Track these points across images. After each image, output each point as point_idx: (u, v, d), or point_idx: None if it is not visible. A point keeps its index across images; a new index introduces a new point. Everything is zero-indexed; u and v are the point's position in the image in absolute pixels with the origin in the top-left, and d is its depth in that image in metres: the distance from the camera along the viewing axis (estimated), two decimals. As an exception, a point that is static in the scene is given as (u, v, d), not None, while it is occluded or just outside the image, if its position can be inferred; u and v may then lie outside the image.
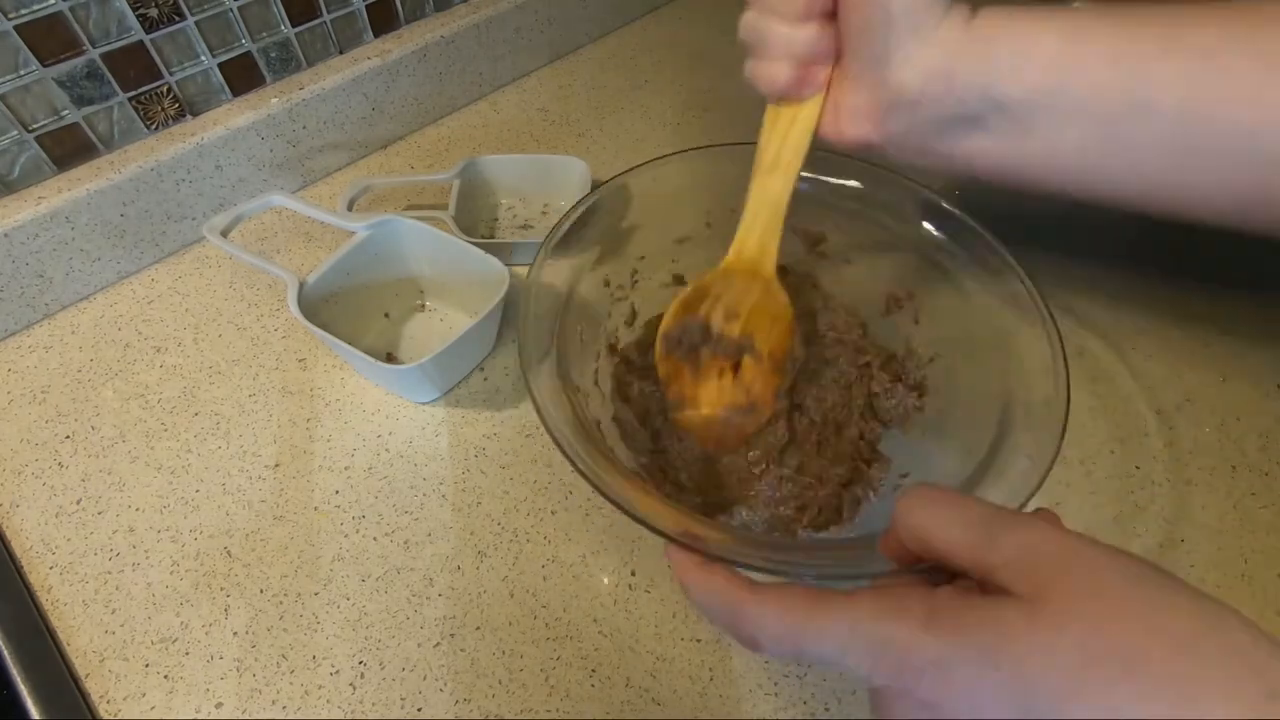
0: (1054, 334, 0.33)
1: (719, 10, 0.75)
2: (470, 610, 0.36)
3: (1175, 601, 0.20)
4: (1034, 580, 0.20)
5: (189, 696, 0.34)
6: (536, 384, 0.32)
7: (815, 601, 0.23)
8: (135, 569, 0.37)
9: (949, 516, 0.23)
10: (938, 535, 0.23)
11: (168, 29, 0.45)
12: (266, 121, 0.51)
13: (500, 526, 0.39)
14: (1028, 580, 0.20)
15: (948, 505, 0.23)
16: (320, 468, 0.41)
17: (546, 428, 0.30)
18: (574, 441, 0.31)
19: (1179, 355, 0.45)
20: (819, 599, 0.23)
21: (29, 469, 0.41)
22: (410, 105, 0.60)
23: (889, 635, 0.21)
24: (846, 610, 0.22)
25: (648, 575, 0.37)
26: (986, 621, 0.20)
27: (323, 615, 0.36)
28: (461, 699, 0.34)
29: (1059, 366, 0.33)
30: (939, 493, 0.24)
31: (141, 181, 0.47)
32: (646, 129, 0.62)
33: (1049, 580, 0.20)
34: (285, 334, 0.47)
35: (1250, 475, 0.40)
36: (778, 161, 0.35)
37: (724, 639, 0.35)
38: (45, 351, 0.46)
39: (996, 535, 0.22)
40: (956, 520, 0.23)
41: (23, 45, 0.41)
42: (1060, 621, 0.19)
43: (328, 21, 0.53)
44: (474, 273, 0.44)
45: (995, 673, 0.20)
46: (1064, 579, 0.20)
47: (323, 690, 0.34)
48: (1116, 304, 0.48)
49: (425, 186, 0.54)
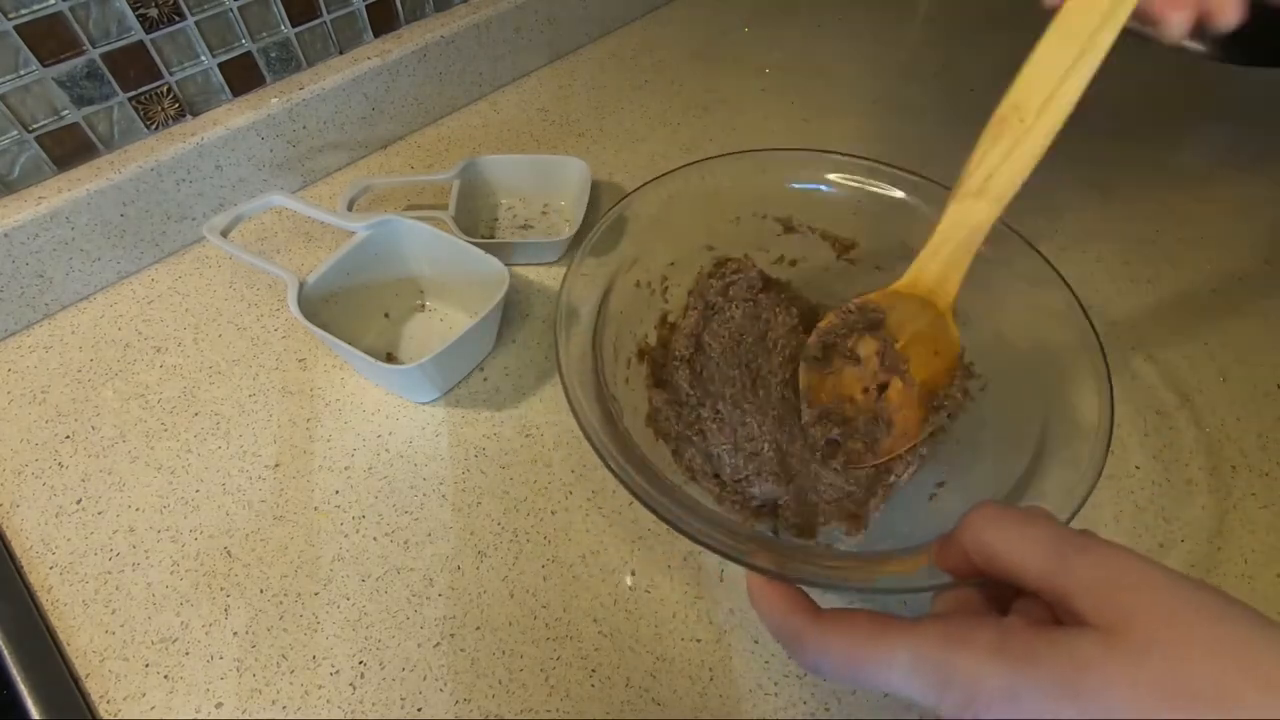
0: (1098, 353, 0.33)
1: (719, 10, 0.75)
2: (470, 610, 0.36)
3: (1266, 637, 0.19)
4: (1111, 609, 0.20)
5: (189, 696, 0.34)
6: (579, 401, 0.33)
7: (878, 629, 0.22)
8: (135, 569, 0.37)
9: (1021, 535, 0.22)
10: (1009, 554, 0.22)
11: (168, 29, 0.45)
12: (266, 121, 0.51)
13: (500, 526, 0.39)
14: (1105, 609, 0.20)
15: (1020, 524, 0.23)
16: (320, 468, 0.41)
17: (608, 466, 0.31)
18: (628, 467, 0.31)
19: (1179, 355, 0.45)
20: (882, 626, 0.22)
21: (29, 469, 0.41)
22: (410, 105, 0.60)
23: (956, 664, 0.21)
24: (910, 638, 0.22)
25: (648, 575, 0.37)
26: (1061, 650, 0.20)
27: (323, 615, 0.36)
28: (461, 699, 0.34)
29: (1103, 387, 0.32)
30: (1010, 511, 0.23)
31: (141, 181, 0.47)
32: (646, 129, 0.62)
33: (1128, 609, 0.20)
34: (285, 334, 0.47)
35: (1250, 475, 0.40)
36: (987, 185, 0.32)
37: (724, 639, 0.35)
38: (45, 351, 0.46)
39: (1070, 558, 0.21)
40: (1029, 540, 0.22)
41: (23, 45, 0.41)
42: (1141, 653, 0.19)
43: (328, 21, 0.53)
44: (474, 273, 0.44)
45: (1071, 704, 0.19)
46: (1143, 609, 0.20)
47: (323, 690, 0.34)
48: (1115, 304, 0.48)
49: (425, 186, 0.54)
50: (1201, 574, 0.37)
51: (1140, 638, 0.19)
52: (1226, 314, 0.47)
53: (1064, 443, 0.32)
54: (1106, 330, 0.46)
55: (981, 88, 0.64)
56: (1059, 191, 0.55)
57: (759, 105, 0.64)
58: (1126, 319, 0.47)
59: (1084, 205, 0.53)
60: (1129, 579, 0.20)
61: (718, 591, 0.37)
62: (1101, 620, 0.20)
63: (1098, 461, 0.30)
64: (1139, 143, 0.59)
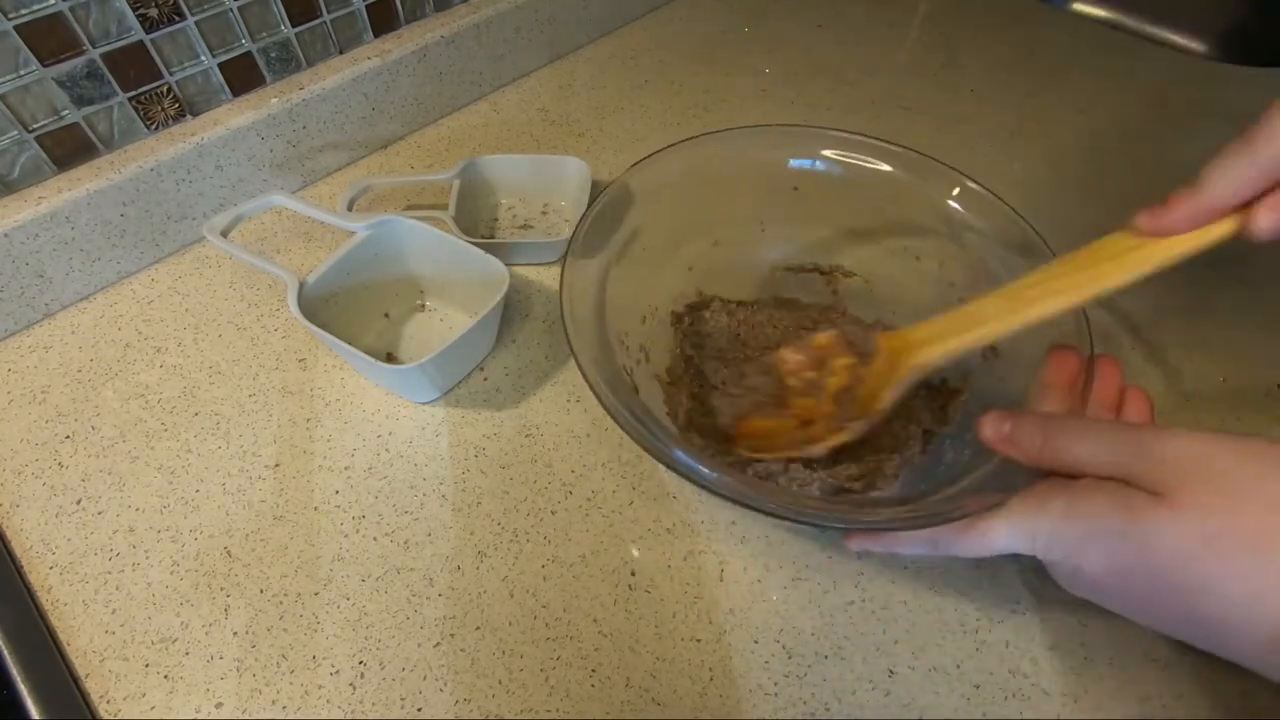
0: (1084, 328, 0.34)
1: (719, 10, 0.75)
2: (470, 610, 0.36)
3: None
4: (1164, 480, 0.25)
5: (189, 696, 0.34)
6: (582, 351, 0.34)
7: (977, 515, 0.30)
8: (135, 569, 0.37)
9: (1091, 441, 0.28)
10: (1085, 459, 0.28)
11: (168, 29, 0.45)
12: (266, 121, 0.51)
13: (500, 526, 0.39)
14: (1159, 481, 0.25)
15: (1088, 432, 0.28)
16: (320, 468, 0.41)
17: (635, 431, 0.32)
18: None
19: (1179, 355, 0.45)
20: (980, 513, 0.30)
21: (29, 469, 0.41)
22: (410, 105, 0.60)
23: (1037, 528, 0.29)
24: (1004, 514, 0.29)
25: (648, 575, 0.37)
26: (1117, 505, 0.26)
27: (323, 615, 0.36)
28: (461, 699, 0.34)
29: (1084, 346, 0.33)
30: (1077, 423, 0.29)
31: (141, 181, 0.47)
32: (646, 129, 0.62)
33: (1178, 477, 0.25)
34: (285, 334, 0.47)
35: (1250, 475, 0.40)
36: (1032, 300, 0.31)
37: (724, 639, 0.35)
38: (45, 351, 0.46)
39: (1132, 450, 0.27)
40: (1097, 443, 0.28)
41: (23, 45, 0.41)
42: (1180, 505, 0.25)
43: (328, 21, 0.53)
44: (474, 273, 0.44)
45: (1123, 545, 0.26)
46: (1190, 474, 0.25)
47: (323, 690, 0.34)
48: (1115, 304, 0.48)
49: (425, 186, 0.54)
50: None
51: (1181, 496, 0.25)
52: (1227, 314, 0.47)
53: None
54: (1106, 330, 0.46)
55: (981, 88, 0.64)
56: (1059, 192, 0.55)
57: (759, 105, 0.64)
58: (1127, 318, 0.47)
59: (1084, 205, 0.53)
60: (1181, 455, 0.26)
61: (718, 591, 0.37)
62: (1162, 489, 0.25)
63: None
64: (1139, 142, 0.59)
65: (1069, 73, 0.66)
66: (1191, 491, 0.25)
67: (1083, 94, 0.64)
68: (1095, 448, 0.28)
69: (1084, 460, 0.28)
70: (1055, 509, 0.28)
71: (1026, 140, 0.60)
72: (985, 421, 0.31)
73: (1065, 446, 0.28)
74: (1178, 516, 0.25)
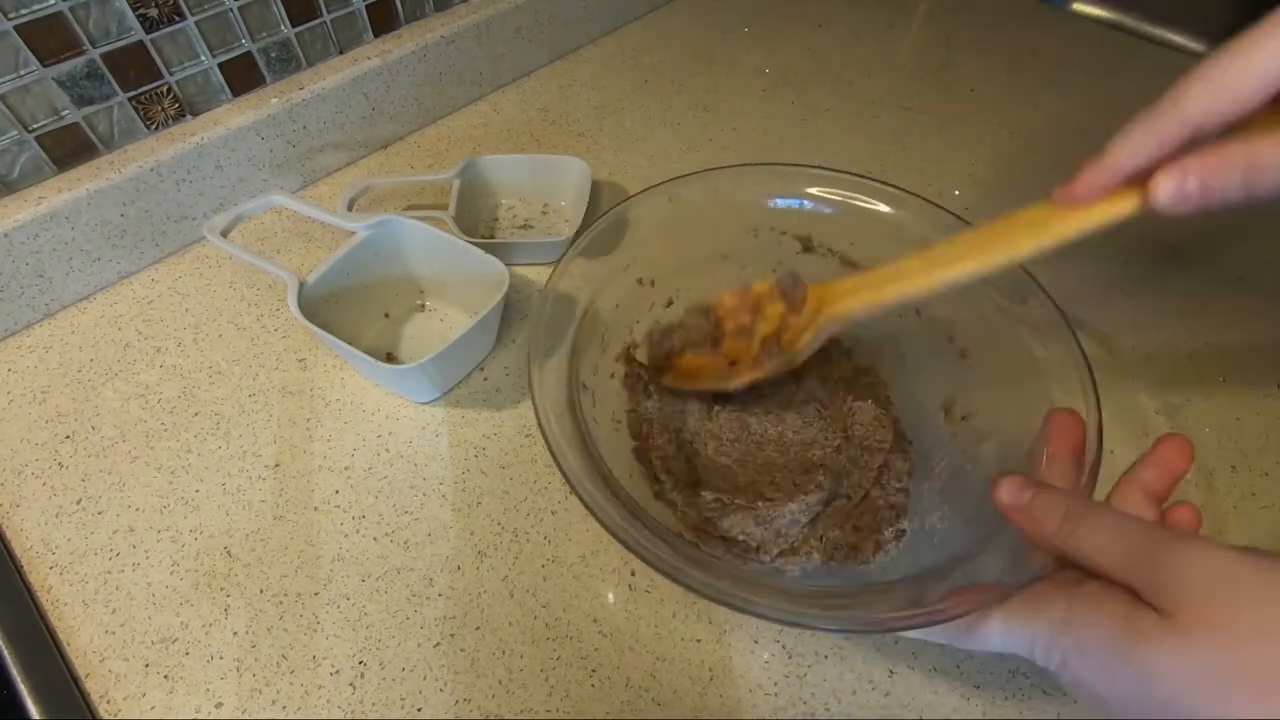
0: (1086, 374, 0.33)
1: (719, 10, 0.75)
2: (470, 610, 0.36)
3: None
4: (1174, 598, 0.22)
5: (189, 696, 0.34)
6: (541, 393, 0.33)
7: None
8: (135, 569, 0.37)
9: (1107, 538, 0.25)
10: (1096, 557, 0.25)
11: (168, 29, 0.45)
12: (266, 121, 0.51)
13: (500, 526, 0.39)
14: (1169, 599, 0.22)
15: (1107, 528, 0.25)
16: (320, 468, 0.41)
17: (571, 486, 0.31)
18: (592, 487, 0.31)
19: (1179, 355, 0.45)
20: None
21: (29, 469, 0.41)
22: (410, 105, 0.60)
23: (1035, 633, 0.26)
24: (1001, 611, 0.27)
25: (648, 575, 0.37)
26: (1119, 618, 0.23)
27: (323, 615, 0.36)
28: (461, 699, 0.34)
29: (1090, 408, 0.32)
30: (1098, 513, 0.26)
31: (141, 181, 0.47)
32: (646, 129, 0.62)
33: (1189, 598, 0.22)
34: (285, 334, 0.47)
35: (1250, 475, 0.40)
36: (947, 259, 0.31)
37: (724, 639, 0.35)
38: (45, 351, 0.46)
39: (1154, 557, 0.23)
40: (1113, 541, 0.25)
41: (23, 45, 0.41)
42: (1192, 633, 0.21)
43: (328, 21, 0.53)
44: (474, 273, 0.44)
45: (1124, 669, 0.23)
46: (1209, 597, 0.22)
47: (323, 690, 0.34)
48: (1114, 304, 0.48)
49: (425, 186, 0.54)
50: (1201, 574, 0.37)
51: (1192, 620, 0.22)
52: (1227, 314, 0.47)
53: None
54: (1105, 329, 0.46)
55: (981, 88, 0.65)
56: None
57: (759, 105, 0.64)
58: (1127, 318, 0.47)
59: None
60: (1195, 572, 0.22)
61: (718, 591, 0.37)
62: (1165, 604, 0.22)
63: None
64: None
65: (1069, 73, 0.66)
66: (1206, 617, 0.21)
67: (1082, 94, 0.64)
68: (1112, 544, 0.25)
69: (1096, 554, 0.25)
70: (1054, 615, 0.25)
71: (1026, 140, 0.60)
72: (1004, 484, 0.28)
73: (1082, 534, 0.25)
74: (1188, 644, 0.21)
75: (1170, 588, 0.22)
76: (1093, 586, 0.25)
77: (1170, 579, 0.23)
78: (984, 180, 0.40)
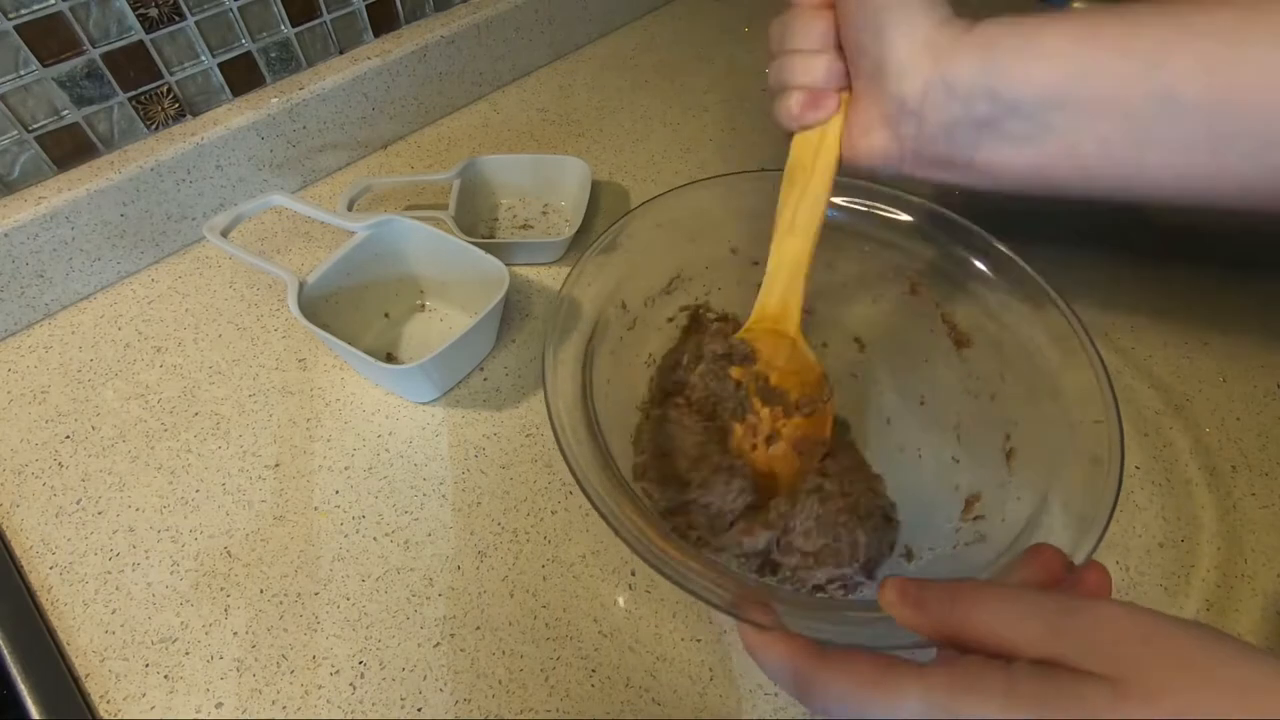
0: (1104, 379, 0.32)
1: (719, 10, 0.75)
2: (470, 610, 0.36)
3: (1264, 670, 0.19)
4: (1115, 660, 0.20)
5: (189, 696, 0.34)
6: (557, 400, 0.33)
7: (885, 672, 0.23)
8: (135, 569, 0.37)
9: (1015, 612, 0.22)
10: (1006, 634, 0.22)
11: (168, 29, 0.45)
12: (266, 121, 0.51)
13: (500, 526, 0.39)
14: (1109, 661, 0.20)
15: (1012, 602, 0.22)
16: (320, 468, 0.41)
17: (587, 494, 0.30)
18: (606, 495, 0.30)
19: (1179, 355, 0.45)
20: (890, 669, 0.23)
21: (29, 469, 0.41)
22: (410, 105, 0.60)
23: (963, 710, 0.21)
24: (919, 682, 0.22)
25: (648, 575, 0.37)
26: (1070, 697, 0.20)
27: (323, 615, 0.36)
28: (461, 699, 0.34)
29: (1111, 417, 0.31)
30: (997, 590, 0.23)
31: (141, 181, 0.47)
32: (646, 129, 0.62)
33: (1136, 660, 0.20)
34: (285, 334, 0.47)
35: (1250, 475, 0.40)
36: (794, 223, 0.36)
37: (724, 639, 0.35)
38: (45, 351, 0.46)
39: (1065, 627, 0.21)
40: (1023, 615, 0.22)
41: (23, 45, 0.41)
42: (1154, 700, 0.19)
43: (328, 21, 0.53)
44: (474, 273, 0.44)
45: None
46: (1148, 655, 0.20)
47: (323, 690, 0.34)
48: (1114, 304, 0.48)
49: (425, 186, 0.54)
50: (1202, 574, 0.37)
51: (1153, 685, 0.19)
52: (1227, 314, 0.47)
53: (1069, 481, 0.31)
54: (1105, 329, 0.46)
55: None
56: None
57: (759, 105, 0.64)
58: (1126, 318, 0.47)
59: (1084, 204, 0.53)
60: (1125, 631, 0.20)
61: (718, 591, 0.37)
62: (1108, 671, 0.20)
63: (1108, 497, 0.29)
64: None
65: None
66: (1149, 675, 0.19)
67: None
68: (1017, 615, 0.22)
69: (1001, 630, 0.22)
70: (993, 690, 0.21)
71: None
72: (890, 583, 0.25)
73: (983, 616, 0.22)
74: (1147, 706, 0.19)
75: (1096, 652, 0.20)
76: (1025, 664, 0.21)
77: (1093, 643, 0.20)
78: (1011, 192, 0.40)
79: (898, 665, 0.23)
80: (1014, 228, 0.38)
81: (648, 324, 0.42)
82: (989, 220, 0.39)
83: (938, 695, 0.21)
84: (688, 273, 0.43)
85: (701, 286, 0.44)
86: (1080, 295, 0.47)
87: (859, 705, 0.23)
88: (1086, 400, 0.33)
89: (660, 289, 0.42)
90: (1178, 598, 0.36)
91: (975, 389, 0.39)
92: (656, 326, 0.43)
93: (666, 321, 0.43)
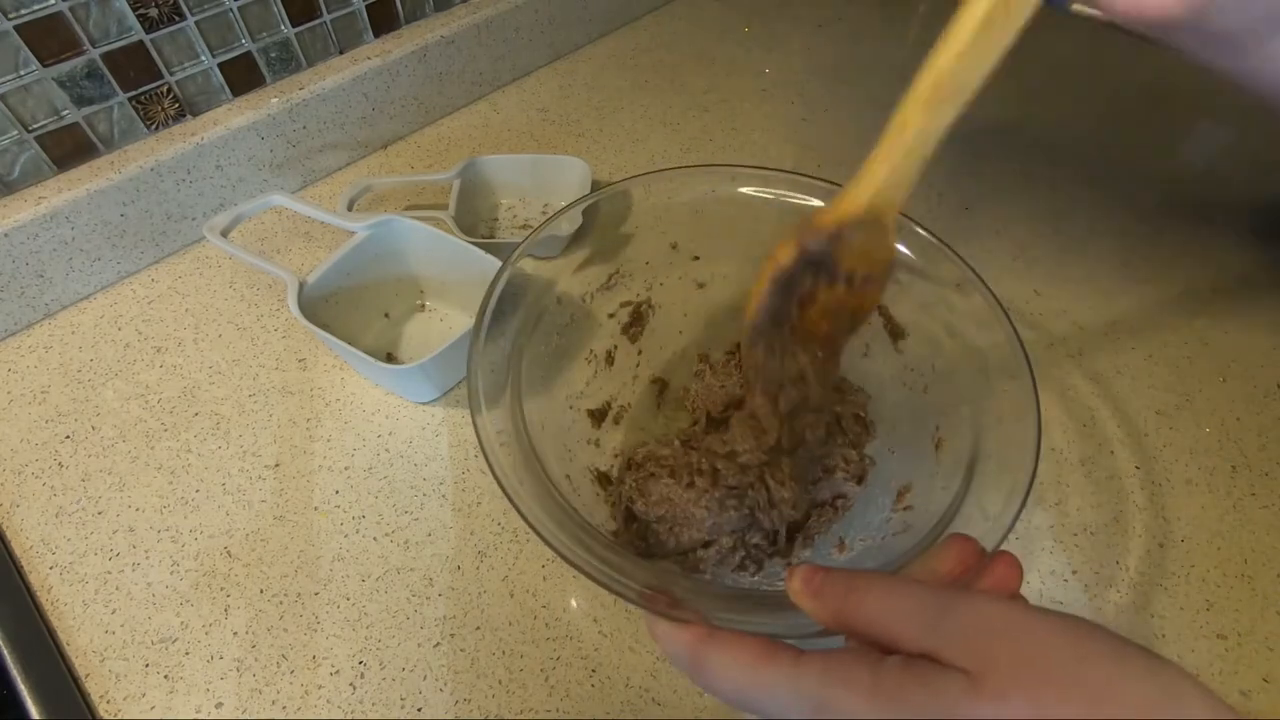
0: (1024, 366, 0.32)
1: (719, 10, 0.75)
2: (470, 610, 0.36)
3: (1128, 671, 0.19)
4: (978, 654, 0.20)
5: (189, 696, 0.34)
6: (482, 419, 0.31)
7: (763, 655, 0.23)
8: (135, 569, 0.37)
9: (900, 605, 0.23)
10: (892, 626, 0.23)
11: (168, 29, 0.45)
12: (266, 121, 0.51)
13: (500, 526, 0.39)
14: (972, 655, 0.20)
15: (898, 595, 0.23)
16: (320, 468, 0.41)
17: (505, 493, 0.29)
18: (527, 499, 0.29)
19: (1179, 355, 0.45)
20: (768, 653, 0.23)
21: (29, 469, 0.41)
22: (410, 105, 0.60)
23: (830, 701, 0.22)
24: (792, 669, 0.23)
25: (648, 575, 0.37)
26: (929, 691, 0.20)
27: (323, 615, 0.36)
28: (461, 699, 0.34)
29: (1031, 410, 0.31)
30: (887, 582, 0.24)
31: (141, 181, 0.47)
32: (646, 129, 0.62)
33: (991, 654, 0.20)
34: (285, 334, 0.47)
35: (1250, 475, 0.40)
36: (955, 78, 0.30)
37: (724, 639, 0.35)
38: (45, 351, 0.46)
39: (939, 618, 0.22)
40: (908, 609, 0.22)
41: (23, 45, 0.41)
42: (1003, 693, 0.19)
43: (328, 21, 0.53)
44: (474, 273, 0.44)
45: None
46: (1007, 652, 0.20)
47: (323, 690, 0.34)
48: (1114, 304, 0.48)
49: (425, 186, 0.54)
50: (1201, 574, 0.37)
51: (1003, 680, 0.20)
52: (1227, 314, 0.47)
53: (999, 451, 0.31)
54: (1106, 329, 0.46)
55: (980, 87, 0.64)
56: (1059, 190, 0.55)
57: (759, 105, 0.64)
58: (1126, 318, 0.47)
59: (1085, 204, 0.53)
60: (996, 625, 0.21)
61: (718, 591, 0.37)
62: (970, 665, 0.20)
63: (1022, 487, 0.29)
64: (1139, 141, 0.59)
65: (1069, 72, 0.66)
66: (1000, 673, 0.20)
67: (1081, 93, 0.64)
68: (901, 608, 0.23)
69: (886, 621, 0.23)
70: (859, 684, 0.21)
71: (1026, 139, 0.60)
72: (796, 571, 0.25)
73: (872, 607, 0.23)
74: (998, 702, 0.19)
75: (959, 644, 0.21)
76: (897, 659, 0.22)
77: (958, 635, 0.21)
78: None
79: (778, 652, 0.23)
80: (1008, 226, 0.38)
81: (590, 318, 0.41)
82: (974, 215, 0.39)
83: (808, 684, 0.22)
84: (626, 269, 0.42)
85: (642, 282, 0.43)
86: (1079, 297, 0.48)
87: (736, 687, 0.24)
88: (1012, 391, 0.32)
89: (599, 285, 0.41)
90: (1178, 598, 0.36)
91: (910, 381, 0.38)
92: (598, 322, 0.42)
93: (608, 318, 0.42)
